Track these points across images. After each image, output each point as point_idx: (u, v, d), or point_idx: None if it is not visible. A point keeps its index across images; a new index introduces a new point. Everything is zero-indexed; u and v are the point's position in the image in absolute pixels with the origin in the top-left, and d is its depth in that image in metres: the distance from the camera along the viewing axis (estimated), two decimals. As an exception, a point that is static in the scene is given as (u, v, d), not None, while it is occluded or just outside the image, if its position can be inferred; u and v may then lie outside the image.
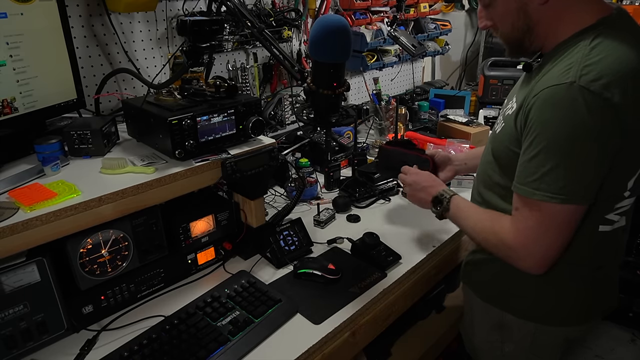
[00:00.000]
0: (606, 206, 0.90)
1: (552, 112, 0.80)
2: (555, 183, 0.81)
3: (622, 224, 0.95)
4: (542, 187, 0.83)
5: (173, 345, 0.98)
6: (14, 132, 1.07)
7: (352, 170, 1.76)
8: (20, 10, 1.02)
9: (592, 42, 0.81)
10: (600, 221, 0.91)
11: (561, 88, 0.79)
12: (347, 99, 2.32)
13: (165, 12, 1.51)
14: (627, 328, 2.21)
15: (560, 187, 0.81)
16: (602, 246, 0.95)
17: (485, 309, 1.10)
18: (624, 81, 0.78)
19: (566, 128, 0.79)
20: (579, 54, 0.81)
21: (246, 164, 1.15)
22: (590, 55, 0.80)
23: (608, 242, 0.95)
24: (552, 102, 0.80)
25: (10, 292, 0.90)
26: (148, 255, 1.11)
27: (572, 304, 1.00)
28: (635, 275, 2.13)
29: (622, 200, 0.91)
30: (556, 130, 0.80)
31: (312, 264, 1.21)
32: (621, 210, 0.92)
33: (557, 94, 0.79)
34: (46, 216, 0.87)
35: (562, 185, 0.81)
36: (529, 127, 0.84)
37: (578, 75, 0.78)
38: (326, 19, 1.11)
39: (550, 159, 0.81)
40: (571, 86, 0.77)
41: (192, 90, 1.18)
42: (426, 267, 1.31)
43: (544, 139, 0.81)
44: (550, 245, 0.87)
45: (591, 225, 0.91)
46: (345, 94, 2.07)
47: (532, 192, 0.84)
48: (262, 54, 1.83)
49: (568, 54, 0.83)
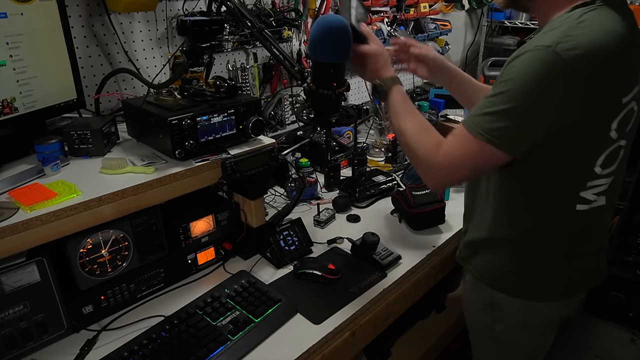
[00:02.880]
0: (578, 183, 0.93)
1: (521, 66, 0.83)
2: (491, 124, 0.85)
3: (602, 204, 0.96)
4: (479, 123, 0.87)
5: (173, 345, 0.98)
6: (14, 132, 1.07)
7: (352, 170, 1.77)
8: (20, 10, 1.02)
9: (582, 16, 0.83)
10: (576, 200, 0.94)
11: (538, 49, 0.82)
12: (347, 99, 2.32)
13: (165, 12, 1.51)
14: (627, 328, 2.22)
15: (492, 128, 0.85)
16: (582, 225, 0.98)
17: (477, 288, 1.13)
18: (598, 58, 0.80)
19: (524, 82, 0.82)
20: (566, 24, 0.83)
21: (246, 164, 1.15)
22: (576, 27, 0.82)
23: (587, 221, 0.97)
24: (525, 59, 0.83)
25: (10, 292, 0.90)
26: (148, 255, 1.11)
27: (555, 280, 1.02)
28: (635, 275, 2.13)
29: (597, 179, 0.93)
30: (515, 80, 0.83)
31: (312, 264, 1.21)
32: (598, 189, 0.94)
33: (533, 54, 0.83)
34: (46, 216, 0.87)
35: (496, 127, 0.85)
36: (500, 76, 0.89)
37: (557, 42, 0.80)
38: (326, 19, 1.11)
39: (498, 103, 0.85)
40: (547, 49, 0.80)
41: (192, 90, 1.18)
42: (426, 267, 1.31)
43: (502, 86, 0.85)
44: (460, 177, 0.97)
45: (568, 203, 0.94)
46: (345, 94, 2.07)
47: (471, 125, 0.88)
48: (262, 54, 1.83)
49: (558, 24, 0.85)
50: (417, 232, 1.44)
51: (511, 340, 1.13)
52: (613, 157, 0.92)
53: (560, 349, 2.11)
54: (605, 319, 2.28)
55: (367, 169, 1.79)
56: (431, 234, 1.43)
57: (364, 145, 2.03)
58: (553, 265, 1.01)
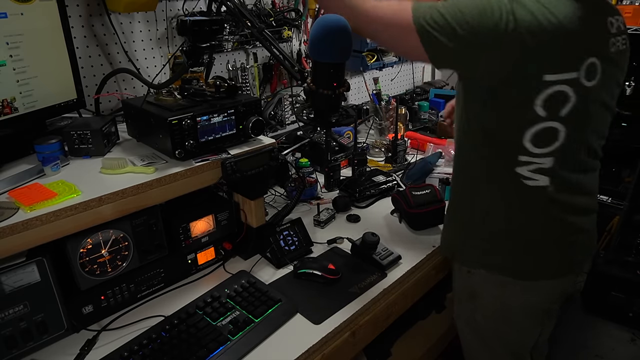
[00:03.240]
0: (508, 153, 0.96)
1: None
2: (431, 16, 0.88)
3: (545, 184, 0.97)
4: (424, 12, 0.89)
5: (173, 345, 0.98)
6: (14, 132, 1.07)
7: (352, 170, 1.77)
8: (20, 10, 1.02)
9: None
10: (516, 176, 0.97)
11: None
12: (347, 99, 2.32)
13: (165, 12, 1.51)
14: (627, 328, 2.22)
15: (429, 21, 0.88)
16: (534, 203, 1.00)
17: (460, 275, 1.18)
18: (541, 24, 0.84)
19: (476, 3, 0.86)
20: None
21: (246, 164, 1.15)
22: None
23: (535, 198, 0.99)
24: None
25: (10, 292, 0.90)
26: (148, 255, 1.12)
27: (518, 257, 1.05)
28: (635, 275, 2.13)
29: (530, 156, 0.95)
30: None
31: (312, 264, 1.21)
32: (533, 167, 0.96)
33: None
34: (46, 216, 0.87)
35: (432, 21, 0.88)
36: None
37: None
38: (326, 19, 1.11)
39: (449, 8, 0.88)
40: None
41: (192, 90, 1.18)
42: (426, 267, 1.31)
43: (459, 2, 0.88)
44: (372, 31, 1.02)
45: (508, 173, 0.98)
46: (345, 94, 2.07)
47: (417, 9, 0.90)
48: (262, 54, 1.83)
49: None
50: (417, 232, 1.44)
51: (492, 331, 1.16)
52: (548, 138, 0.93)
53: (560, 349, 2.11)
54: (605, 318, 2.28)
55: (367, 169, 1.79)
56: (431, 234, 1.43)
57: (364, 145, 2.03)
58: (510, 242, 1.04)
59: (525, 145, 0.94)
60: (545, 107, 0.90)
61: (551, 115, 0.91)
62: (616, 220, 2.42)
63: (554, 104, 0.90)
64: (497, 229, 1.05)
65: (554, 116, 0.91)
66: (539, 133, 0.92)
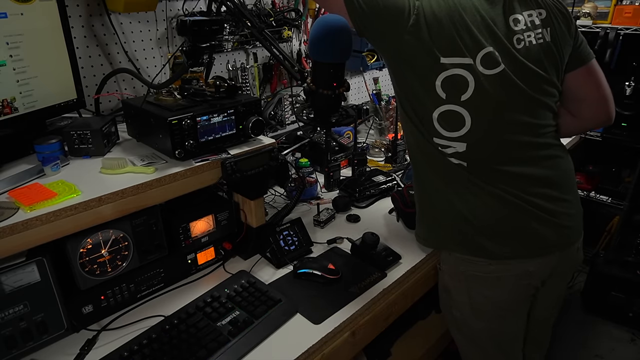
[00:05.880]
0: (428, 134, 1.02)
1: None
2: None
3: (464, 165, 1.02)
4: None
5: (173, 346, 0.98)
6: (14, 132, 1.07)
7: (352, 170, 1.77)
8: (20, 10, 1.02)
9: None
10: (439, 154, 1.03)
11: None
12: (347, 99, 2.32)
13: (165, 12, 1.51)
14: (627, 328, 2.22)
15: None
16: (453, 175, 1.05)
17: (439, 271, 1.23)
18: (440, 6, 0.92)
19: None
20: None
21: (246, 164, 1.15)
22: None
23: (458, 174, 1.04)
24: None
25: (10, 292, 0.90)
26: (148, 255, 1.12)
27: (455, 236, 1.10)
28: (635, 275, 2.13)
29: (442, 139, 1.01)
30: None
31: (312, 264, 1.21)
32: (449, 150, 1.01)
33: None
34: (46, 216, 0.87)
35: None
36: None
37: None
38: (326, 19, 1.11)
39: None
40: None
41: (192, 90, 1.18)
42: (426, 267, 1.31)
43: None
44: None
45: (431, 148, 1.04)
46: (345, 94, 2.08)
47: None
48: (262, 54, 1.83)
49: None
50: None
51: (469, 329, 1.19)
52: (454, 122, 0.98)
53: (560, 349, 2.11)
54: (605, 318, 2.28)
55: (367, 169, 1.79)
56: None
57: (364, 145, 2.03)
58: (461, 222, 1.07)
59: (436, 126, 1.00)
60: (444, 89, 0.95)
61: (451, 98, 0.96)
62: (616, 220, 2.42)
63: (453, 87, 0.95)
64: (441, 209, 1.10)
65: (456, 100, 0.96)
66: (446, 115, 0.97)
